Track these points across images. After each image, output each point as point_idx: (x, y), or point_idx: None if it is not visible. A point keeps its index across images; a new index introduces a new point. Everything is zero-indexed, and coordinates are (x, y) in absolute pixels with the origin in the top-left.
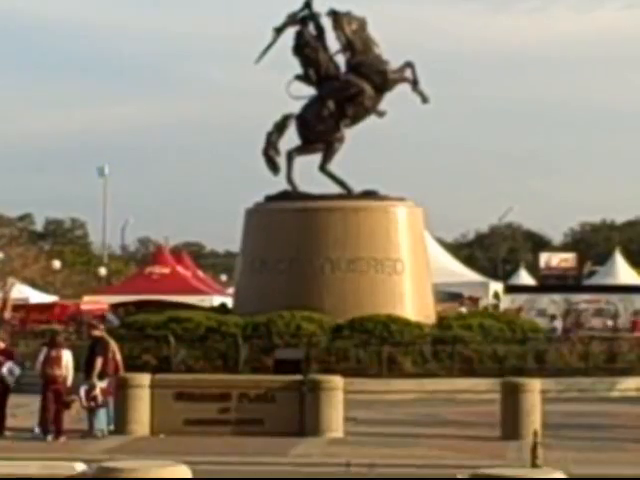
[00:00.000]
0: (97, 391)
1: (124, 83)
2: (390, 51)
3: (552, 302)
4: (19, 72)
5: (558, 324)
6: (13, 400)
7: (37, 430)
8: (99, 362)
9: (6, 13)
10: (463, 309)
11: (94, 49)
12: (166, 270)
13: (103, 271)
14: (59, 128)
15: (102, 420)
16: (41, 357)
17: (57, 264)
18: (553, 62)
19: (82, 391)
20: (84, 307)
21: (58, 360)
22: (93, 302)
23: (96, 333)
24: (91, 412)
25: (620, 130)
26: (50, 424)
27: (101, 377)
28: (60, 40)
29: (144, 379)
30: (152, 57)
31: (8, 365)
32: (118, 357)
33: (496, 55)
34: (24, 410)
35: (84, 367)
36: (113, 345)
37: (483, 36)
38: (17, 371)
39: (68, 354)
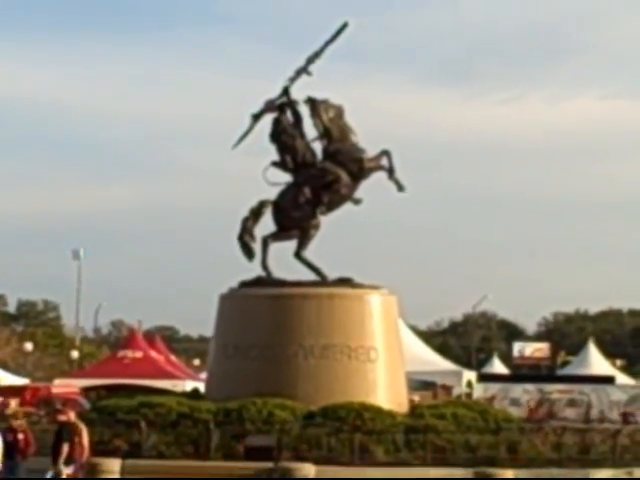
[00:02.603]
0: (64, 477)
1: (100, 166)
2: (366, 139)
3: (525, 392)
4: None
5: None
6: None
7: None
8: (65, 448)
9: None
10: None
11: (70, 131)
12: (139, 354)
13: (75, 354)
14: (34, 210)
15: None
16: None
17: (29, 346)
18: (528, 151)
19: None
20: (55, 390)
21: None
22: (65, 385)
23: (62, 418)
24: None
25: (595, 221)
26: None
27: (68, 463)
28: (36, 121)
29: (114, 464)
30: (128, 140)
31: None
32: (85, 442)
33: (472, 144)
34: None
35: (50, 452)
36: (81, 429)
37: (459, 125)
38: None
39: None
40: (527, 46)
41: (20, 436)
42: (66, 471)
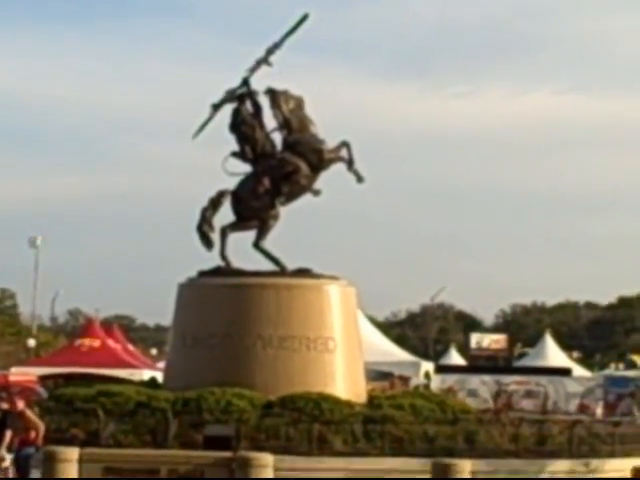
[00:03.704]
0: (7, 463)
1: (57, 154)
2: (326, 130)
3: (482, 383)
4: None
5: None
6: None
7: None
8: (8, 435)
9: None
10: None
11: (27, 120)
12: (96, 343)
13: (32, 342)
14: None
15: None
16: None
17: None
18: (484, 145)
19: None
20: (12, 378)
21: None
22: (22, 374)
23: (3, 406)
24: None
25: (552, 214)
26: None
27: (10, 450)
28: None
29: (72, 453)
30: (86, 129)
31: None
32: (37, 429)
33: (429, 137)
34: None
35: None
36: (28, 417)
37: (417, 118)
38: None
39: None
40: (484, 41)
41: None
42: (9, 457)
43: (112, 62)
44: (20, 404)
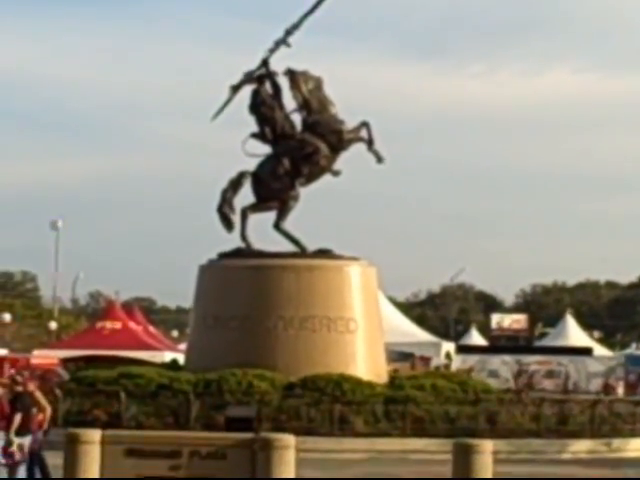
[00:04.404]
0: (14, 447)
1: (77, 137)
2: (345, 111)
3: (503, 363)
4: None
5: None
6: None
7: None
8: (18, 418)
9: None
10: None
11: (47, 103)
12: (117, 325)
13: (54, 325)
14: (12, 181)
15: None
16: None
17: (7, 317)
18: (503, 125)
19: None
20: (34, 361)
21: None
22: (43, 356)
23: (18, 389)
24: (9, 468)
25: (571, 193)
26: None
27: (23, 434)
28: (12, 92)
29: (94, 435)
30: (106, 111)
31: None
32: (45, 413)
33: (448, 117)
34: None
35: (4, 422)
36: (38, 400)
37: (434, 98)
38: None
39: None
40: (501, 19)
41: None
42: (18, 441)
43: (129, 43)
44: (31, 385)
